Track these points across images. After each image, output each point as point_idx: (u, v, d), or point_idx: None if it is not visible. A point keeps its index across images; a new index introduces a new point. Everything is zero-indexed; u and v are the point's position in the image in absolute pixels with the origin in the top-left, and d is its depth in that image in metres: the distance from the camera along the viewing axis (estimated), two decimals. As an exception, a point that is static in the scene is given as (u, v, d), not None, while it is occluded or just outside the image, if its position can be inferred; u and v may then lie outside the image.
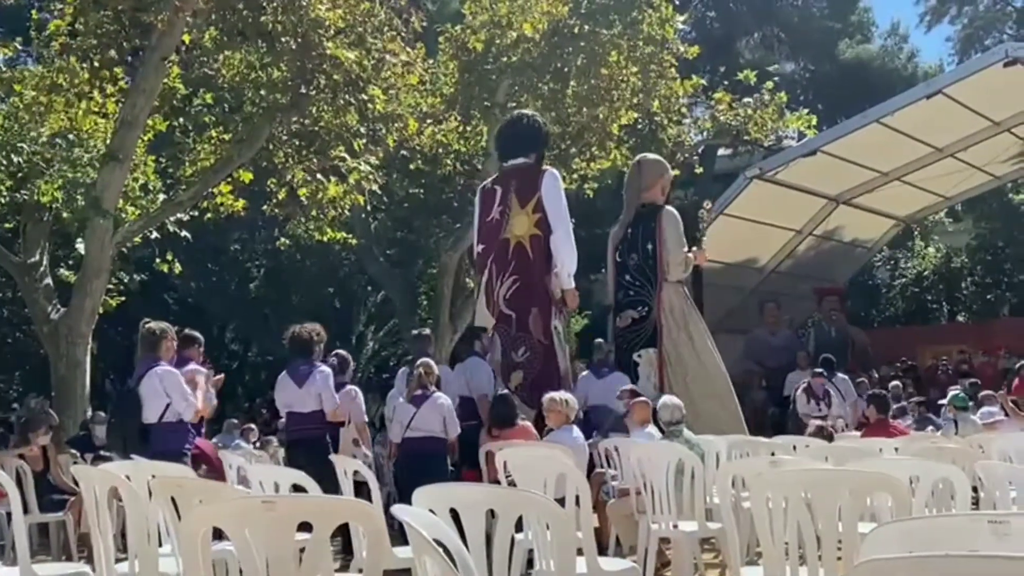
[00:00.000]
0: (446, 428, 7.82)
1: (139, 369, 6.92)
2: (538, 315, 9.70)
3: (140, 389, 6.77)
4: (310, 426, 7.74)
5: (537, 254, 9.78)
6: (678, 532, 6.00)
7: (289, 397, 7.92)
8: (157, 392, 6.78)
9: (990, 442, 6.97)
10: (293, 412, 7.93)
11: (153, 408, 6.77)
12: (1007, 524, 2.08)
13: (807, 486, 3.79)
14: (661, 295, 10.45)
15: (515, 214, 9.92)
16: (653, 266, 10.54)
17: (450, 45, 14.32)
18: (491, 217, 10.10)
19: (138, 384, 6.79)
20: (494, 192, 10.18)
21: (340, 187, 12.71)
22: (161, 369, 6.84)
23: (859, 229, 21.87)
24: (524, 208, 9.87)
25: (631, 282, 10.51)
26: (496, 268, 9.97)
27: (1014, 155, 20.20)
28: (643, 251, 10.60)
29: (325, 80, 11.43)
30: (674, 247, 10.45)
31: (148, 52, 11.09)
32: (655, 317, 10.40)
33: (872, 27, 33.22)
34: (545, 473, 5.10)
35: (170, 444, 6.65)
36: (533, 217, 9.80)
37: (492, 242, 10.07)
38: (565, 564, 3.53)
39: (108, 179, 11.20)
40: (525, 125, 10.41)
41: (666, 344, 10.32)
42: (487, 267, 10.08)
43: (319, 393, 7.72)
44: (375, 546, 2.78)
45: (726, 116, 16.32)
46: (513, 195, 9.95)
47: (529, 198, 9.84)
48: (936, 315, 29.03)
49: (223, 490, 4.31)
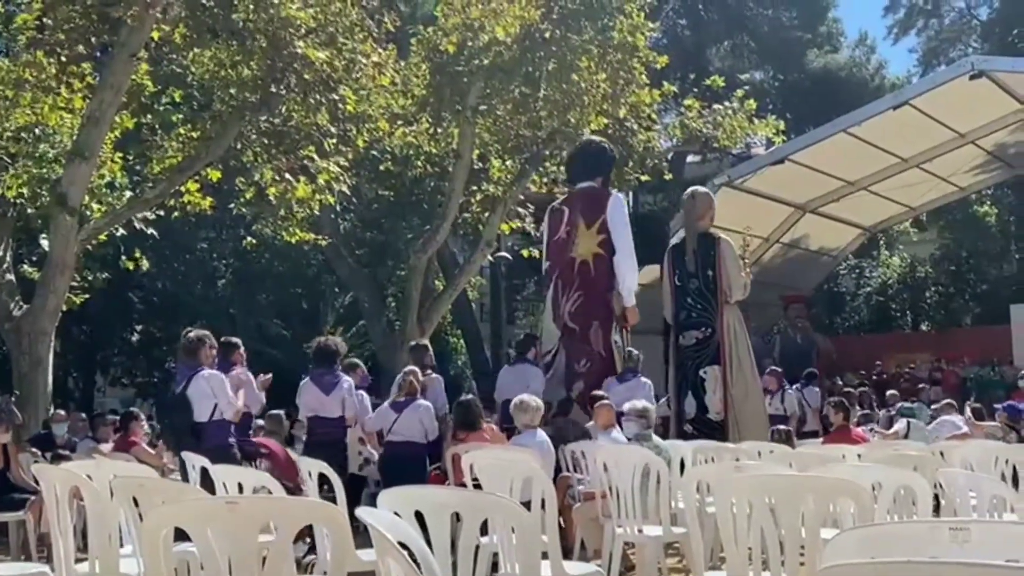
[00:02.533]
0: (426, 433, 8.17)
1: (182, 373, 7.48)
2: (599, 329, 10.49)
3: (188, 392, 7.30)
4: (333, 430, 8.38)
5: (600, 272, 10.58)
6: (643, 536, 6.02)
7: (314, 402, 8.52)
8: (205, 394, 7.30)
9: (952, 450, 7.04)
10: (318, 416, 8.54)
11: (203, 408, 7.28)
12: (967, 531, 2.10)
13: (771, 492, 3.81)
14: (723, 317, 11.22)
15: (580, 234, 10.72)
16: (714, 290, 11.27)
17: (422, 47, 14.28)
18: (558, 236, 10.93)
19: (185, 387, 7.32)
20: (562, 212, 11.00)
21: (309, 187, 12.64)
22: (207, 373, 7.37)
23: (825, 238, 22.08)
24: (589, 228, 10.67)
25: (693, 304, 11.15)
26: (562, 284, 10.80)
27: (978, 166, 20.48)
28: (703, 276, 11.28)
29: (296, 79, 11.38)
30: (735, 273, 11.30)
31: (117, 48, 10.98)
32: (718, 337, 11.15)
33: (841, 37, 33.56)
34: (511, 476, 5.09)
35: (218, 440, 7.23)
36: (597, 237, 10.59)
37: (559, 259, 10.90)
38: (530, 568, 3.53)
39: (74, 175, 11.08)
40: (593, 150, 11.27)
41: (728, 362, 11.06)
42: (553, 283, 10.91)
43: (343, 400, 8.41)
44: (339, 548, 2.77)
45: (696, 123, 16.41)
46: (579, 216, 10.75)
47: (594, 219, 10.63)
48: (900, 323, 29.34)
49: (185, 491, 4.27)
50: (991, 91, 16.53)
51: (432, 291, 18.29)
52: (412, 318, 15.74)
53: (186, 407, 7.27)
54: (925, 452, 6.89)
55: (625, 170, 16.13)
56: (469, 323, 25.35)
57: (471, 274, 18.02)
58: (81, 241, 11.75)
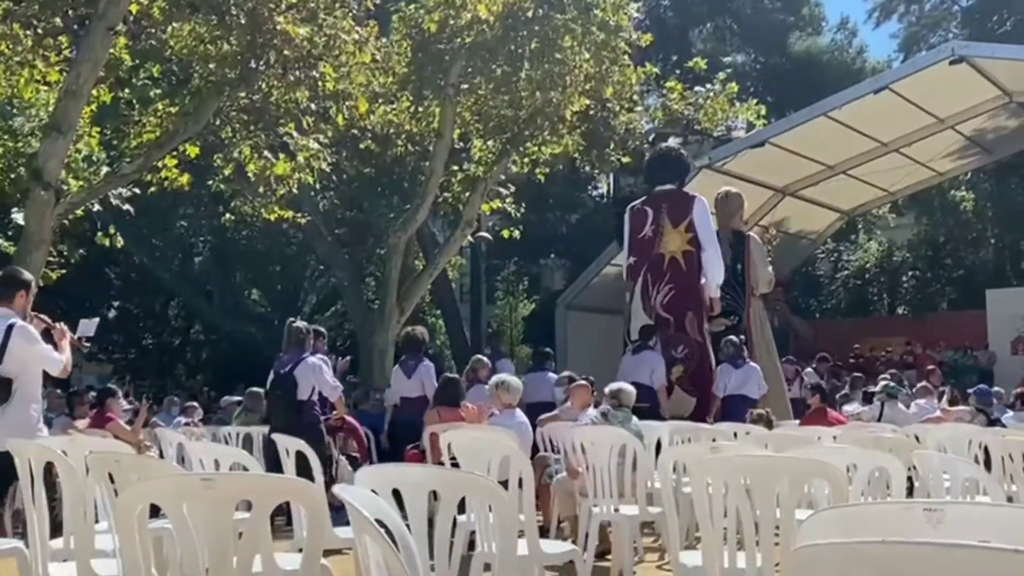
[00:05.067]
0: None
1: (291, 357, 8.38)
2: (694, 318, 11.63)
3: (296, 373, 8.23)
4: (416, 409, 9.73)
5: (690, 267, 11.74)
6: (619, 515, 6.05)
7: (399, 386, 10.60)
8: (308, 377, 8.24)
9: (926, 433, 7.11)
10: (404, 397, 10.48)
11: (305, 388, 8.23)
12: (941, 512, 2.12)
13: (746, 472, 3.83)
14: (750, 307, 12.79)
15: (667, 232, 11.86)
16: (743, 282, 12.82)
17: (403, 24, 14.18)
18: (643, 234, 12.04)
19: (293, 369, 8.25)
20: (645, 212, 12.11)
21: (288, 165, 12.56)
22: (313, 360, 8.35)
23: (804, 221, 22.15)
24: (677, 227, 11.84)
25: (723, 294, 12.13)
26: (651, 278, 11.88)
27: (956, 152, 20.58)
28: (733, 269, 12.66)
29: (275, 56, 11.27)
30: (762, 268, 13.00)
31: (94, 21, 10.83)
32: (745, 325, 12.59)
33: (822, 21, 33.60)
34: (489, 456, 5.10)
35: (313, 417, 8.34)
36: (686, 236, 11.74)
37: (645, 255, 11.99)
38: (507, 546, 3.53)
39: (50, 150, 10.94)
40: (673, 157, 12.72)
41: (755, 348, 12.38)
42: (640, 276, 11.95)
43: (422, 381, 10.18)
44: (315, 525, 2.76)
45: (677, 105, 16.40)
46: (665, 216, 11.89)
47: (681, 219, 11.80)
48: (877, 307, 29.53)
49: (161, 467, 4.26)
50: (971, 77, 16.60)
51: (412, 271, 18.24)
52: (391, 298, 15.71)
53: (293, 385, 8.20)
54: (900, 434, 6.95)
55: (606, 151, 16.13)
56: (448, 303, 25.33)
57: (451, 254, 17.98)
58: (58, 216, 11.63)
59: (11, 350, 5.78)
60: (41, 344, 5.97)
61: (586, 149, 15.85)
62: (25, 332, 5.87)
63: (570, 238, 29.59)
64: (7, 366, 5.80)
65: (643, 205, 12.28)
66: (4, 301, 5.96)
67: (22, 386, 5.87)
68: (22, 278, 6.15)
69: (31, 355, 5.89)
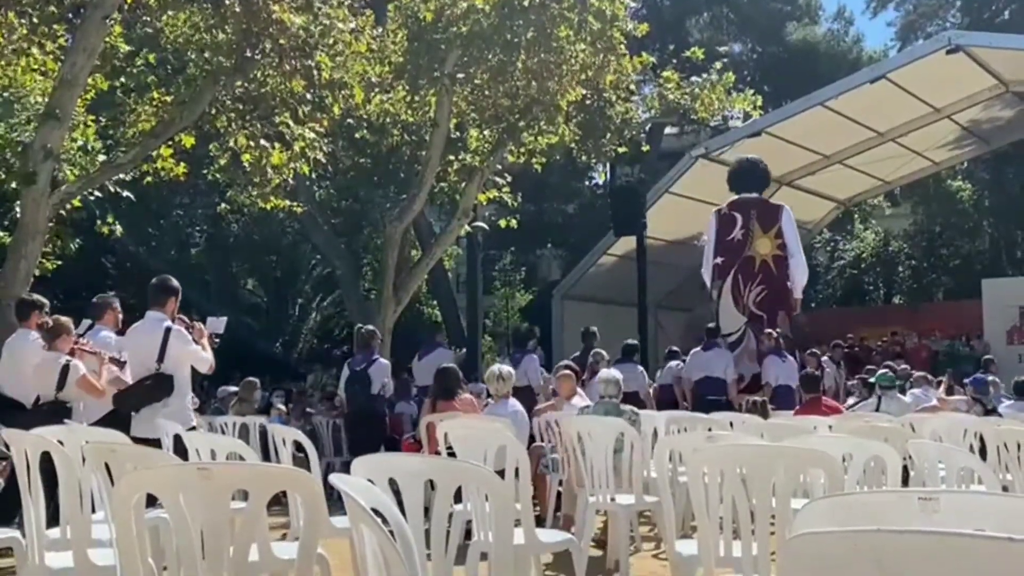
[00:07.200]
0: None
1: (363, 357, 10.10)
2: (784, 317, 12.98)
3: (370, 371, 9.89)
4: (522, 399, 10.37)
5: (780, 270, 13.16)
6: (615, 505, 6.06)
7: None
8: (378, 374, 9.88)
9: (922, 422, 7.12)
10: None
11: (376, 385, 9.88)
12: (936, 501, 2.13)
13: (742, 461, 3.84)
14: None
15: (757, 236, 13.24)
16: None
17: (399, 14, 14.13)
18: (732, 237, 13.30)
19: (368, 368, 9.92)
20: (733, 217, 13.38)
21: (284, 154, 12.52)
22: (382, 361, 10.16)
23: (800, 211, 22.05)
24: (767, 233, 13.21)
25: None
26: (742, 278, 13.20)
27: (953, 141, 20.58)
28: None
29: (271, 44, 11.22)
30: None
31: (90, 9, 10.78)
32: None
33: (819, 10, 33.50)
34: (486, 445, 5.11)
35: (382, 408, 10.16)
36: (776, 241, 13.17)
37: (735, 257, 13.28)
38: (503, 535, 3.54)
39: (46, 138, 10.91)
40: (761, 169, 14.03)
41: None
42: (730, 276, 13.23)
43: (526, 372, 11.19)
44: (312, 514, 2.76)
45: (674, 95, 16.36)
46: (755, 221, 13.24)
47: (770, 226, 13.20)
48: (873, 297, 29.55)
49: (158, 456, 4.26)
50: (968, 66, 16.60)
51: (408, 260, 18.22)
52: (388, 287, 15.68)
53: (368, 381, 9.84)
54: (895, 424, 6.96)
55: (603, 141, 16.09)
56: (445, 293, 25.31)
57: (447, 244, 17.95)
58: (54, 206, 11.60)
59: (170, 351, 6.55)
60: (193, 345, 6.78)
61: (583, 139, 15.80)
62: (180, 335, 6.70)
63: (567, 228, 29.56)
64: (167, 364, 6.55)
65: (730, 210, 13.41)
66: (157, 306, 6.85)
67: (179, 381, 6.62)
68: (173, 285, 7.02)
69: (187, 354, 6.70)
